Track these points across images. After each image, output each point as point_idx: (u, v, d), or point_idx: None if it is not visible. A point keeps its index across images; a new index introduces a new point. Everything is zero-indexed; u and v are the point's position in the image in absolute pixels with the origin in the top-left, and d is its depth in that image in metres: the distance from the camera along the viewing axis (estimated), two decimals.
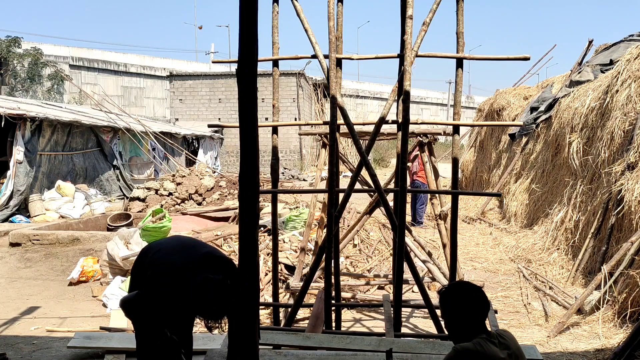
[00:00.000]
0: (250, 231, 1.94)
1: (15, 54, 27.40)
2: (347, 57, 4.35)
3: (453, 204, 4.27)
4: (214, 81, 25.29)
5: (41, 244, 8.18)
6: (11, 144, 10.42)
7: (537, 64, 21.12)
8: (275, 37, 4.43)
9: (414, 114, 8.23)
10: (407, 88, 3.82)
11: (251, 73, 1.86)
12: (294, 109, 24.68)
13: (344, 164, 5.85)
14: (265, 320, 5.59)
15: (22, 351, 4.38)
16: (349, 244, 7.34)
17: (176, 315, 2.63)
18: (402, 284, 4.32)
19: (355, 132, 4.14)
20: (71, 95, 29.94)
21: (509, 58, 4.16)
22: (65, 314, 5.86)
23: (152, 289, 2.63)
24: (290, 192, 7.26)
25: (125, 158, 14.39)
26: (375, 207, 5.73)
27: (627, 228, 5.80)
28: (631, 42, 9.55)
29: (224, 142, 23.92)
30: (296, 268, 5.97)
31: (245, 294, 1.95)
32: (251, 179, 1.89)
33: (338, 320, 4.39)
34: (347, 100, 37.56)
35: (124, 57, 37.02)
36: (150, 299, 2.61)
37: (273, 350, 2.91)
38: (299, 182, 20.82)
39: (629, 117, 6.62)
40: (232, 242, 7.35)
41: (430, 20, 4.00)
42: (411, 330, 5.64)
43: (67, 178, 11.64)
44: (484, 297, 2.39)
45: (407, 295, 6.55)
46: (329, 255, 4.00)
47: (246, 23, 1.81)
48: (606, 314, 5.15)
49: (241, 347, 1.98)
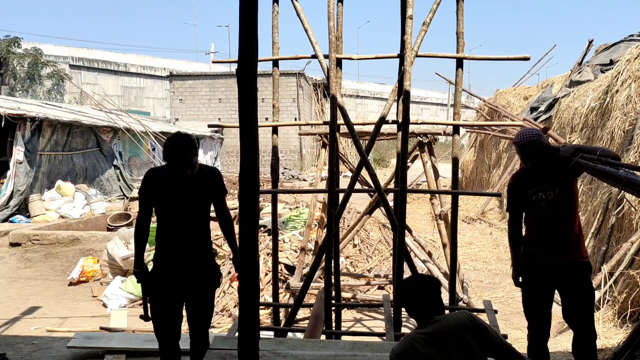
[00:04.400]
0: (250, 231, 1.94)
1: (15, 54, 27.42)
2: (347, 57, 4.35)
3: (453, 204, 4.27)
4: (214, 81, 25.30)
5: (41, 244, 8.18)
6: (11, 144, 10.42)
7: (537, 64, 21.10)
8: (275, 37, 4.43)
9: (414, 114, 8.23)
10: (407, 88, 3.82)
11: (251, 73, 1.86)
12: (294, 109, 24.68)
13: (344, 164, 5.85)
14: (266, 320, 5.59)
15: (22, 351, 4.38)
16: (349, 244, 7.34)
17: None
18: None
19: (355, 132, 4.14)
20: (71, 95, 29.95)
21: (509, 58, 4.16)
22: (65, 314, 5.86)
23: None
24: (290, 192, 7.26)
25: (125, 158, 14.38)
26: (375, 207, 5.73)
27: (627, 228, 5.80)
28: (631, 42, 9.55)
29: (224, 142, 23.92)
30: (296, 268, 5.97)
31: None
32: (251, 179, 1.89)
33: (338, 320, 4.39)
34: (347, 100, 37.55)
35: (124, 57, 37.03)
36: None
37: (272, 351, 2.90)
38: (299, 182, 20.82)
39: (629, 117, 6.62)
40: None
41: (430, 20, 4.00)
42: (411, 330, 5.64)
43: (67, 178, 11.63)
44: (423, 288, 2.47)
45: None
46: (329, 255, 4.00)
47: (246, 23, 1.81)
48: (606, 314, 5.15)
49: (241, 347, 1.98)
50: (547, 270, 3.29)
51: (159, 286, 3.16)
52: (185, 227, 3.14)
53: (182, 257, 3.13)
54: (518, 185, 3.40)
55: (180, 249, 3.14)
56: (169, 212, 3.15)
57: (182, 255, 3.13)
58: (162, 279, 3.15)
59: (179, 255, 3.13)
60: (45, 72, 28.56)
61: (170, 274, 3.13)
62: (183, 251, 3.13)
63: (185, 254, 3.13)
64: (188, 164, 3.05)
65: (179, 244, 3.14)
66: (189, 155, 3.05)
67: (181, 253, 3.13)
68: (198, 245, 3.19)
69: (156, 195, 3.15)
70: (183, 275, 3.12)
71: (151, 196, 3.16)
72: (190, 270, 3.13)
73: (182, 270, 3.12)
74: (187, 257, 3.13)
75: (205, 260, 3.22)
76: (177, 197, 3.12)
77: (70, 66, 33.07)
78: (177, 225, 3.14)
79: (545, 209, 3.28)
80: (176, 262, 3.12)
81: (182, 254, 3.13)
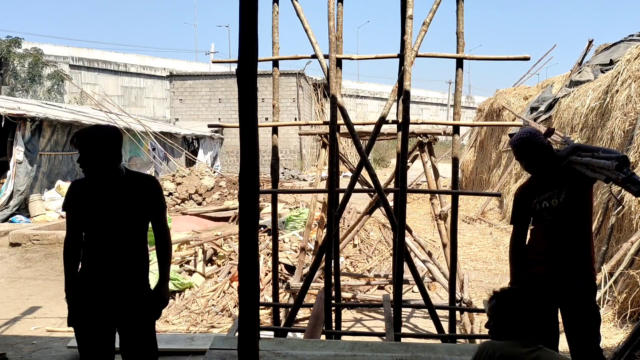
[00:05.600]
0: (250, 231, 1.93)
1: (16, 54, 27.43)
2: (347, 57, 4.35)
3: (453, 204, 4.27)
4: (214, 81, 25.30)
5: (41, 244, 8.19)
6: (11, 144, 10.43)
7: (537, 64, 21.09)
8: (275, 37, 4.43)
9: (414, 114, 8.23)
10: (407, 88, 3.82)
11: (251, 73, 1.86)
12: (294, 109, 24.68)
13: (344, 164, 5.85)
14: (266, 320, 5.59)
15: (22, 351, 4.38)
16: (349, 244, 7.34)
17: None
18: (402, 284, 4.32)
19: (355, 132, 4.14)
20: (71, 95, 29.95)
21: (508, 58, 4.15)
22: (65, 314, 5.86)
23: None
24: (290, 192, 7.25)
25: (125, 158, 14.39)
26: (375, 207, 5.73)
27: (627, 228, 5.80)
28: (631, 42, 9.56)
29: (224, 142, 23.94)
30: (296, 268, 5.97)
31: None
32: (251, 179, 1.89)
33: (338, 320, 4.39)
34: (347, 100, 37.56)
35: (124, 57, 37.03)
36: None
37: (272, 351, 2.90)
38: (299, 182, 20.82)
39: (629, 117, 6.62)
40: (232, 242, 7.35)
41: (430, 20, 4.00)
42: (411, 330, 5.64)
43: (67, 178, 11.64)
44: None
45: (407, 295, 6.56)
46: (329, 255, 4.00)
47: (246, 23, 1.81)
48: (606, 314, 5.15)
49: (241, 347, 1.98)
50: (548, 285, 2.99)
51: (83, 314, 2.66)
52: (109, 245, 2.64)
53: (106, 280, 2.64)
54: (523, 196, 3.17)
55: (102, 271, 2.64)
56: (91, 226, 2.66)
57: (106, 278, 2.64)
58: (85, 305, 2.65)
59: (102, 279, 2.64)
60: (46, 72, 28.57)
61: (93, 300, 2.63)
62: (107, 274, 2.64)
63: (110, 277, 2.64)
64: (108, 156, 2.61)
65: (102, 264, 2.64)
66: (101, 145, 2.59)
67: (104, 276, 2.64)
68: (126, 268, 2.66)
69: (80, 207, 2.66)
70: (107, 302, 2.63)
71: (76, 208, 2.67)
72: (115, 297, 2.64)
73: (106, 296, 2.63)
74: (112, 281, 2.64)
75: (137, 286, 2.71)
76: (98, 208, 2.63)
77: (70, 66, 33.06)
78: (100, 243, 2.65)
79: (549, 217, 3.00)
80: (99, 286, 2.64)
81: (105, 277, 2.64)
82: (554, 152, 3.06)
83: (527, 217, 3.14)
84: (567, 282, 2.97)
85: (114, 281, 2.65)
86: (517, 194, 3.26)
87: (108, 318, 2.66)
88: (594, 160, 2.68)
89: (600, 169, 2.62)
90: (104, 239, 2.65)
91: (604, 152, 2.76)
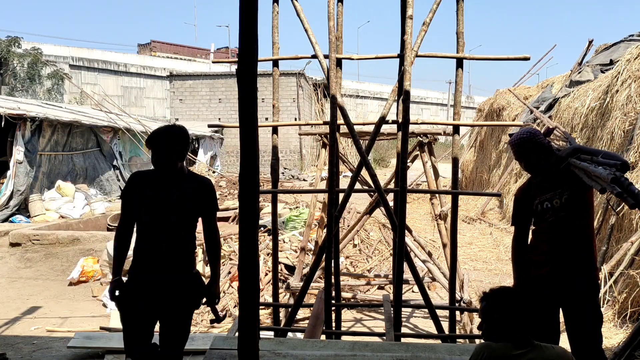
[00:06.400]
0: (250, 231, 1.93)
1: (15, 54, 27.42)
2: (347, 57, 4.35)
3: (453, 204, 4.27)
4: (214, 81, 25.30)
5: (41, 244, 8.19)
6: (11, 144, 10.43)
7: (537, 64, 21.06)
8: (275, 37, 4.43)
9: (414, 114, 8.23)
10: (407, 88, 3.82)
11: (251, 73, 1.86)
12: (294, 109, 24.68)
13: (344, 164, 5.85)
14: (266, 320, 5.59)
15: (22, 351, 4.38)
16: (349, 244, 7.34)
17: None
18: (402, 284, 4.32)
19: (355, 132, 4.14)
20: (71, 95, 29.95)
21: (508, 58, 4.15)
22: (65, 314, 5.87)
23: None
24: (290, 192, 7.26)
25: (125, 158, 14.39)
26: (375, 207, 5.73)
27: (627, 228, 5.80)
28: (631, 42, 9.56)
29: (224, 142, 23.92)
30: (296, 268, 5.97)
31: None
32: (251, 179, 1.89)
33: (338, 320, 4.39)
34: (347, 100, 37.55)
35: (124, 57, 37.02)
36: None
37: (272, 351, 2.90)
38: (299, 182, 20.82)
39: (629, 117, 6.62)
40: (232, 242, 7.35)
41: (430, 20, 4.00)
42: (411, 330, 5.65)
43: (67, 178, 11.64)
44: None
45: (407, 295, 6.56)
46: (329, 255, 4.00)
47: (246, 23, 1.81)
48: (606, 314, 5.14)
49: (241, 347, 1.98)
50: (550, 286, 2.97)
51: (130, 300, 2.84)
52: (161, 239, 2.81)
53: (156, 271, 2.82)
54: (523, 197, 3.15)
55: (154, 262, 2.82)
56: (145, 218, 2.84)
57: (156, 269, 2.82)
58: (134, 292, 2.83)
59: (152, 269, 2.82)
60: (45, 72, 28.56)
61: (142, 289, 2.82)
62: (157, 265, 2.82)
63: (160, 268, 2.81)
64: (173, 154, 2.79)
65: (154, 256, 2.82)
66: (176, 146, 2.80)
67: (155, 267, 2.82)
68: (175, 261, 2.84)
69: (137, 198, 2.85)
70: (156, 291, 2.80)
71: (133, 199, 2.87)
72: (163, 287, 2.81)
73: (154, 286, 2.81)
74: (162, 272, 2.81)
75: (183, 279, 2.88)
76: (155, 202, 2.81)
77: (70, 66, 33.05)
78: (152, 235, 2.82)
79: (551, 218, 2.98)
80: (149, 276, 2.82)
81: (155, 269, 2.82)
82: (554, 152, 3.04)
83: (528, 218, 3.12)
84: (569, 282, 2.94)
85: (162, 273, 2.82)
86: (517, 194, 3.25)
87: (153, 306, 2.82)
88: (591, 167, 2.65)
89: (596, 178, 2.59)
90: (154, 231, 2.83)
91: (604, 157, 2.70)
